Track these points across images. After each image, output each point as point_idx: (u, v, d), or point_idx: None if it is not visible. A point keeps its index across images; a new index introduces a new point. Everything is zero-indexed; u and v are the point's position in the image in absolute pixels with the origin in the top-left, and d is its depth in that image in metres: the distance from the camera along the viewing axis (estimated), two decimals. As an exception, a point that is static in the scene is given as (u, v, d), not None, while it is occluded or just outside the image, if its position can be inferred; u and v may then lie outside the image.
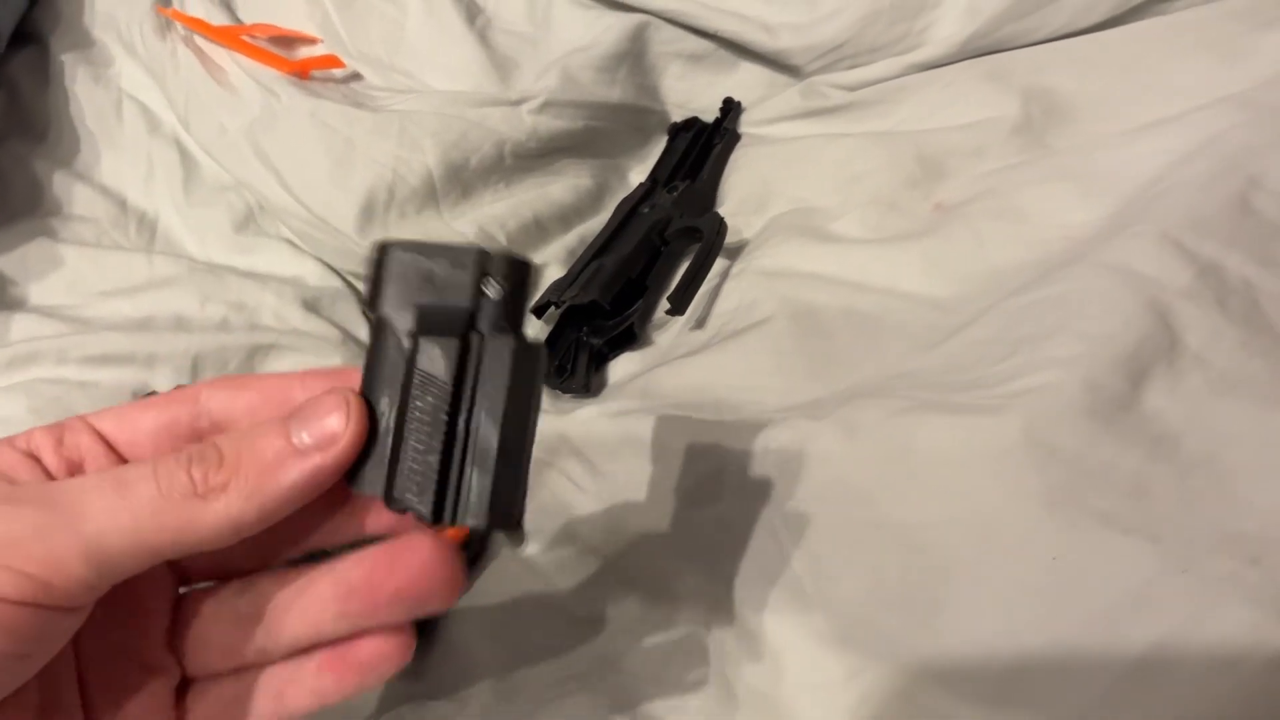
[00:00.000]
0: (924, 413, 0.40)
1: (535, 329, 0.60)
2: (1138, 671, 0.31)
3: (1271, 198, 0.46)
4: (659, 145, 0.74)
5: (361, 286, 0.67)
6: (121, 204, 0.73)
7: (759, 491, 0.40)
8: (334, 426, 0.26)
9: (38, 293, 0.65)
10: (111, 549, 0.24)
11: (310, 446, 0.26)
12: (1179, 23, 0.59)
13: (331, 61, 0.74)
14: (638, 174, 0.73)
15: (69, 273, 0.66)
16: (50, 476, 0.27)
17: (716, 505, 0.41)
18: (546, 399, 0.54)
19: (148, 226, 0.72)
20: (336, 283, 0.66)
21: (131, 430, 0.29)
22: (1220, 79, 0.55)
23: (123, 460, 0.28)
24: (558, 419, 0.50)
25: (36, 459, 0.27)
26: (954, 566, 0.35)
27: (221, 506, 0.25)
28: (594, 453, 0.48)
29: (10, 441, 0.27)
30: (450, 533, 0.47)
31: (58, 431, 0.28)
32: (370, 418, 0.27)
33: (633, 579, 0.43)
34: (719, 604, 0.39)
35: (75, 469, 0.27)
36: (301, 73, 0.72)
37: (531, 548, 0.50)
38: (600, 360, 0.57)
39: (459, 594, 0.28)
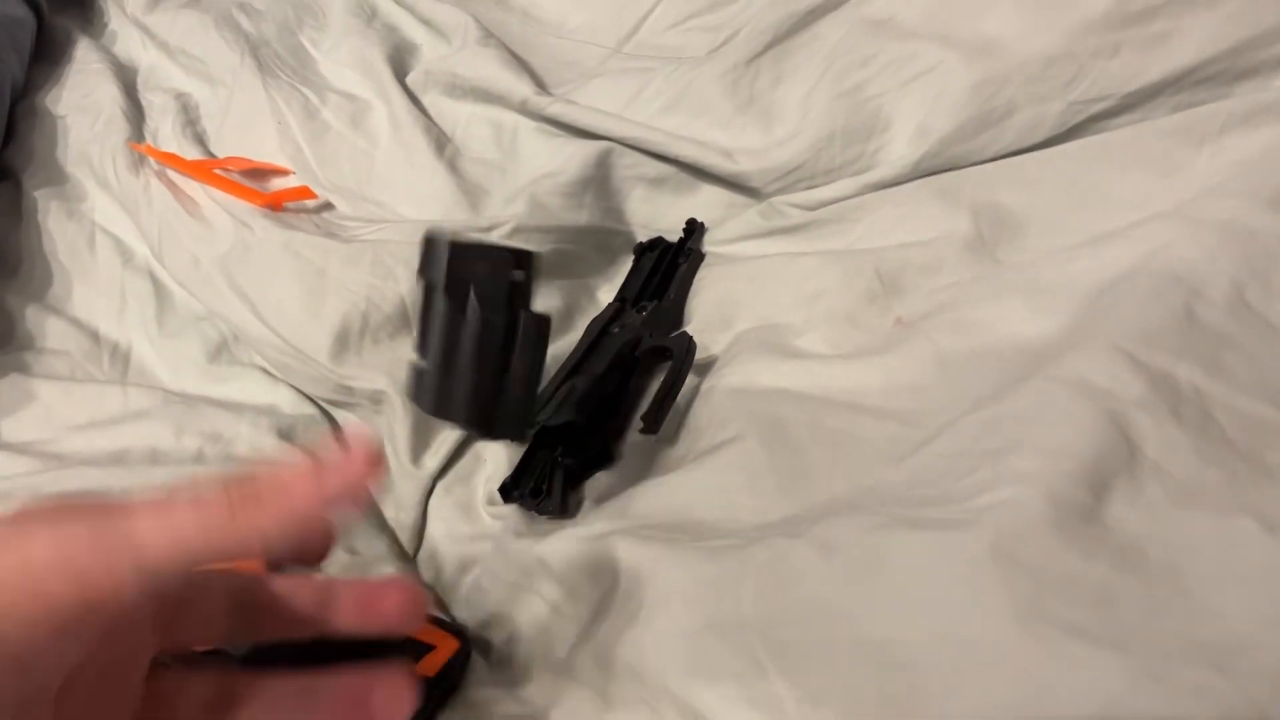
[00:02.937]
0: (895, 529, 0.41)
1: (510, 451, 0.61)
2: (1117, 784, 0.32)
3: (1214, 307, 0.48)
4: (625, 264, 0.76)
5: (335, 410, 0.67)
6: (94, 336, 0.73)
7: (739, 613, 0.41)
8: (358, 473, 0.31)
9: (10, 429, 0.65)
10: (158, 558, 0.28)
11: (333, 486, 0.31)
12: (1115, 141, 0.62)
13: (304, 193, 0.76)
14: (606, 293, 0.75)
15: (42, 407, 0.66)
16: None
17: (698, 627, 0.41)
18: (524, 523, 0.55)
19: (120, 358, 0.72)
20: (311, 410, 0.67)
21: None
22: (1156, 193, 0.58)
23: None
24: (535, 543, 0.51)
25: None
26: (931, 683, 0.36)
27: (250, 519, 0.29)
28: (572, 577, 0.48)
29: None
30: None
31: None
32: None
33: (614, 704, 0.44)
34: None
35: None
36: (275, 205, 0.73)
37: (512, 674, 0.50)
38: (576, 479, 0.58)
39: None
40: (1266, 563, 0.38)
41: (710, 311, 0.68)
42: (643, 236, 0.77)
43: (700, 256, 0.74)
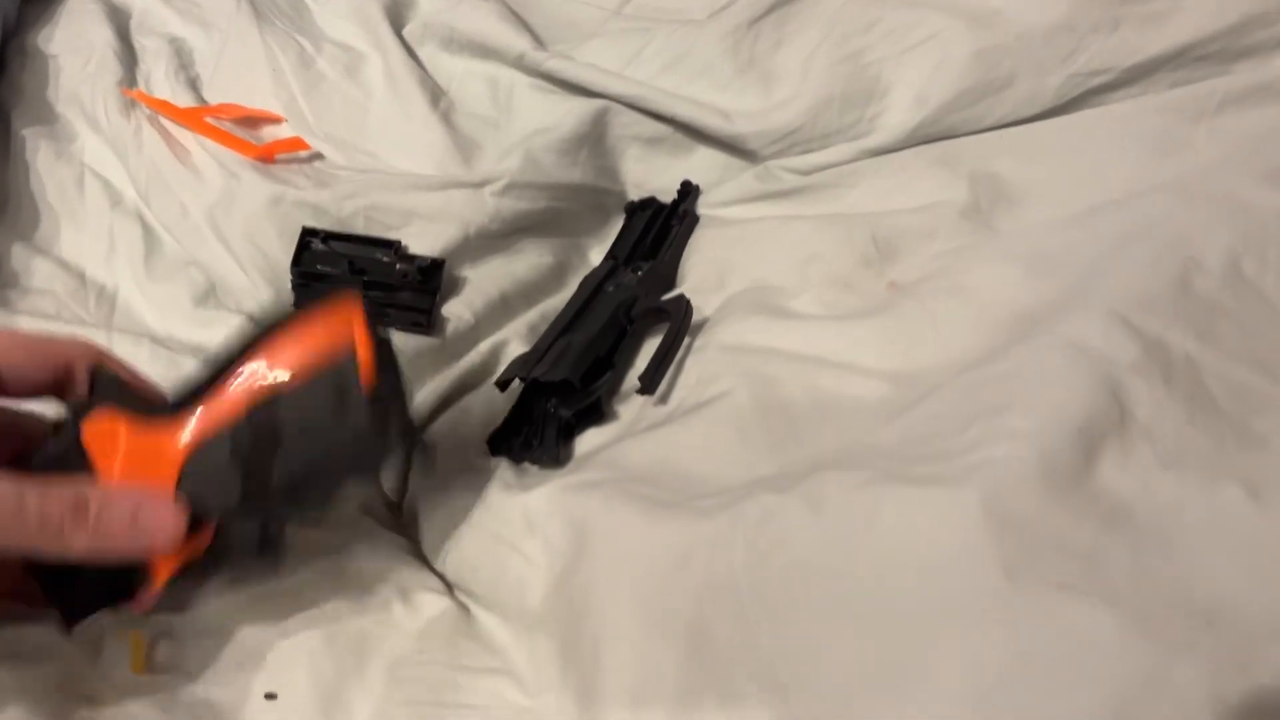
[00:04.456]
0: (886, 484, 0.41)
1: (502, 400, 0.60)
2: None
3: (1209, 278, 0.48)
4: (617, 223, 0.76)
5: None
6: (81, 277, 0.72)
7: (727, 571, 0.41)
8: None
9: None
10: None
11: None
12: (1113, 115, 0.63)
13: (296, 144, 0.75)
14: (597, 252, 0.74)
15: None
16: None
17: (684, 584, 0.41)
18: (512, 476, 0.54)
19: (107, 300, 0.71)
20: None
21: None
22: (1154, 168, 0.58)
23: None
24: (522, 494, 0.51)
25: None
26: (924, 642, 0.36)
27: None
28: (554, 528, 0.47)
29: None
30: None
31: None
32: None
33: (586, 662, 0.43)
34: (689, 693, 0.39)
35: None
36: (266, 157, 0.72)
37: (486, 620, 0.49)
38: (568, 433, 0.57)
39: None
40: (1250, 528, 0.38)
41: (704, 273, 0.68)
42: (635, 195, 0.77)
43: (695, 219, 0.73)
